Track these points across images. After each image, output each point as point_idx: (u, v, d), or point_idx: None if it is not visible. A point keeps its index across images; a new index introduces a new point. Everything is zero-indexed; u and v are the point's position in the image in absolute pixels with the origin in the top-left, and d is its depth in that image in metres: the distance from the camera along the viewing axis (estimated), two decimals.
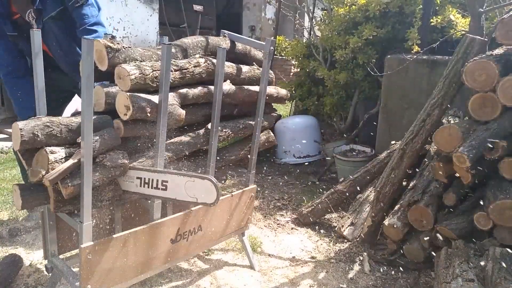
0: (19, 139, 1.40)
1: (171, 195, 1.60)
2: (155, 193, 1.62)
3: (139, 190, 1.65)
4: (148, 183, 1.61)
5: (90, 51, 1.35)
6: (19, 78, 2.35)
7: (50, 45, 2.37)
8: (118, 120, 1.62)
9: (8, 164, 3.97)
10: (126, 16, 6.46)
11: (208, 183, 1.55)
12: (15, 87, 2.35)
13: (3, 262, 2.15)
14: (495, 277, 1.76)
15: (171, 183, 1.59)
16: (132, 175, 1.66)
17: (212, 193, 1.54)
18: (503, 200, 1.96)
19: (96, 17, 2.30)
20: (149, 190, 1.63)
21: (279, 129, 4.35)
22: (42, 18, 2.27)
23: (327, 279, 2.31)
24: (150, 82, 1.61)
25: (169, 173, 1.59)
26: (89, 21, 2.26)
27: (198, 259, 2.46)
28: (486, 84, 2.04)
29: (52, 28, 2.31)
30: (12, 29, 2.27)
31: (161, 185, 1.59)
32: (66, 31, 2.33)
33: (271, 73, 2.31)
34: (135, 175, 1.65)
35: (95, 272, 1.61)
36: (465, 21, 3.55)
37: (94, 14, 2.30)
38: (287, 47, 5.06)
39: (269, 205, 3.34)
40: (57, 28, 2.32)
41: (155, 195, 1.63)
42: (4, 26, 2.26)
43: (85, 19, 2.26)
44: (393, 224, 2.33)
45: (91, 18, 2.27)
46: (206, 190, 1.55)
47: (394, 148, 2.95)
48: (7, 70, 2.34)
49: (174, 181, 1.58)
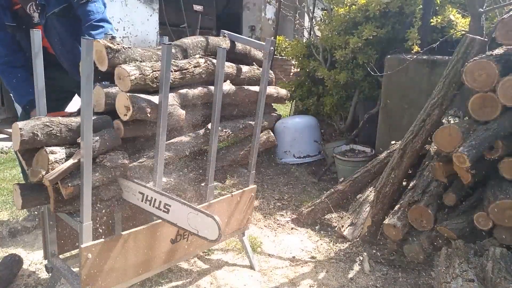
0: (19, 139, 1.40)
1: (172, 219, 1.55)
2: (156, 213, 1.58)
3: (141, 205, 1.62)
4: (150, 201, 1.58)
5: (89, 50, 1.35)
6: (15, 67, 2.32)
7: (52, 42, 2.35)
8: (118, 121, 1.62)
9: (8, 164, 3.97)
10: (126, 16, 6.46)
11: (210, 221, 1.47)
12: (11, 75, 2.32)
13: (3, 262, 2.15)
14: (495, 277, 1.76)
15: (174, 208, 1.54)
16: (135, 188, 1.64)
17: (214, 232, 1.47)
18: (503, 200, 1.96)
19: (102, 13, 2.27)
20: (150, 208, 1.59)
21: (279, 129, 4.35)
22: (46, 14, 2.24)
23: (327, 279, 2.31)
24: (150, 82, 1.61)
25: (174, 200, 1.54)
26: (95, 18, 2.23)
27: (198, 259, 2.46)
28: (486, 84, 2.04)
29: (55, 25, 2.28)
30: (12, 19, 2.24)
31: (164, 207, 1.55)
32: (69, 28, 2.30)
33: (271, 73, 2.31)
34: (138, 189, 1.63)
35: (95, 272, 1.61)
36: (465, 21, 3.55)
37: (100, 10, 2.27)
38: (287, 47, 5.08)
39: (269, 205, 3.34)
40: (60, 25, 2.29)
41: (156, 214, 1.60)
42: (3, 16, 2.23)
43: (91, 16, 2.22)
44: (393, 224, 2.33)
45: (97, 15, 2.23)
46: (208, 227, 1.49)
47: (394, 148, 2.95)
48: (4, 60, 2.32)
49: (178, 208, 1.53)
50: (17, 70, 2.32)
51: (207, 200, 2.01)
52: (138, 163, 1.71)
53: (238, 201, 2.22)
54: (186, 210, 1.52)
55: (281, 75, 6.38)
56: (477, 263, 1.92)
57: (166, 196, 1.56)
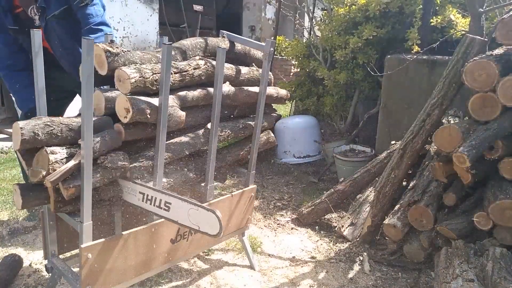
0: (20, 138, 1.40)
1: (173, 217, 1.56)
2: (157, 211, 1.59)
3: (141, 205, 1.63)
4: (151, 200, 1.59)
5: (90, 50, 1.35)
6: (18, 71, 2.34)
7: (52, 43, 2.36)
8: (119, 124, 1.62)
9: (8, 164, 3.97)
10: (126, 16, 6.46)
11: (212, 216, 1.49)
12: (13, 79, 2.34)
13: (3, 262, 2.15)
14: (495, 277, 1.76)
15: (174, 205, 1.55)
16: (135, 188, 1.64)
17: (215, 226, 1.49)
18: (503, 200, 1.96)
19: (101, 16, 2.28)
20: (151, 207, 1.60)
21: (279, 129, 4.35)
22: (46, 16, 2.25)
23: (327, 279, 2.31)
24: (150, 85, 1.61)
25: (174, 197, 1.55)
26: (94, 21, 2.24)
27: (198, 259, 2.46)
28: (486, 84, 2.04)
29: (55, 27, 2.29)
30: (13, 22, 2.25)
31: (164, 205, 1.56)
32: (69, 30, 2.31)
33: (270, 74, 2.31)
34: (138, 189, 1.63)
35: (95, 272, 1.61)
36: (465, 21, 3.55)
37: (99, 13, 2.28)
38: (287, 47, 5.06)
39: (269, 205, 3.34)
40: (60, 27, 2.30)
41: (157, 213, 1.60)
42: (5, 19, 2.24)
43: (90, 19, 2.23)
44: (393, 224, 2.33)
45: (96, 18, 2.24)
46: (209, 221, 1.50)
47: (394, 148, 2.95)
48: (6, 64, 2.33)
49: (178, 205, 1.54)
50: (20, 74, 2.34)
51: (207, 200, 2.02)
52: (138, 163, 1.71)
53: (238, 201, 2.22)
54: (186, 207, 1.53)
55: (281, 75, 6.38)
56: (477, 263, 1.92)
57: (166, 194, 1.57)
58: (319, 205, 2.99)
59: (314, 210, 2.99)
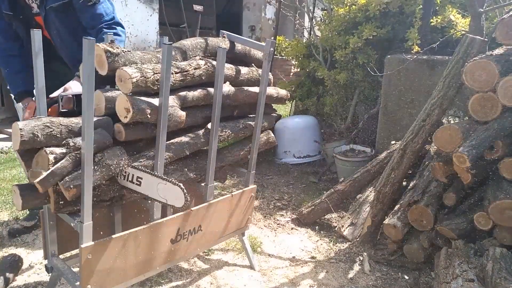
0: (19, 139, 1.39)
1: (143, 191, 1.65)
2: (130, 186, 1.66)
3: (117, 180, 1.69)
4: (125, 176, 1.66)
5: (91, 51, 1.35)
6: (11, 56, 2.31)
7: (52, 34, 2.32)
8: (119, 124, 1.62)
9: (8, 164, 3.98)
10: (126, 16, 6.45)
11: (178, 190, 1.60)
12: (6, 64, 2.31)
13: (3, 262, 2.15)
14: (495, 277, 1.76)
15: (145, 180, 1.63)
16: None
17: (181, 199, 1.60)
18: (503, 200, 1.96)
19: (112, 13, 2.18)
20: (125, 182, 1.67)
21: (279, 129, 4.35)
22: (45, 6, 2.20)
23: (327, 279, 2.31)
24: (151, 85, 1.61)
25: (145, 172, 1.63)
26: (105, 20, 2.14)
27: (198, 259, 2.46)
28: (486, 84, 2.04)
29: (53, 19, 2.24)
30: (9, 8, 2.21)
31: (136, 180, 1.65)
32: (68, 25, 2.25)
33: (269, 75, 2.30)
34: None
35: (95, 272, 1.61)
36: (465, 21, 3.55)
37: (109, 12, 2.17)
38: (287, 47, 5.06)
39: (269, 205, 3.34)
40: (58, 21, 2.25)
41: (129, 187, 1.67)
42: (1, 3, 2.20)
43: (102, 19, 2.12)
44: (393, 224, 2.33)
45: (107, 17, 2.15)
46: (175, 195, 1.61)
47: (394, 148, 2.96)
48: (1, 48, 2.30)
49: (148, 180, 1.63)
50: (13, 59, 2.31)
51: (207, 200, 2.02)
52: (138, 163, 1.71)
53: (238, 201, 2.22)
54: (155, 181, 1.61)
55: (281, 75, 6.37)
56: (477, 263, 1.92)
57: (138, 170, 1.63)
58: (319, 205, 2.99)
59: (314, 210, 2.99)
